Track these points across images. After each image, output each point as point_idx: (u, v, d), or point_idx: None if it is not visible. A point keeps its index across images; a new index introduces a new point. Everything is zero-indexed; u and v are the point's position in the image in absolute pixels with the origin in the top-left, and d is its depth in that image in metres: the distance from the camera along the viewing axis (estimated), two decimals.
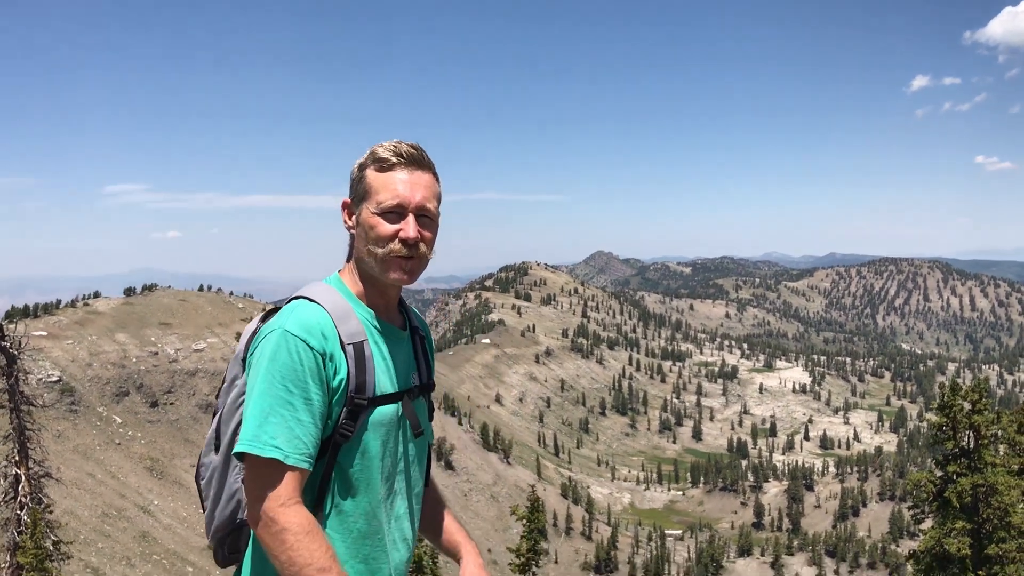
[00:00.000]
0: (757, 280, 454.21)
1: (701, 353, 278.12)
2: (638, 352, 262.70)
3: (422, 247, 2.36)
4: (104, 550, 49.12)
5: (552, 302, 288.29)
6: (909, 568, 18.75)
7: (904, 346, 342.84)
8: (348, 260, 2.51)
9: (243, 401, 2.27)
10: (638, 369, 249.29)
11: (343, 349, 2.25)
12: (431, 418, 2.70)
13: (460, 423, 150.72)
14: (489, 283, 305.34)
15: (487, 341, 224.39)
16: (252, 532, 2.28)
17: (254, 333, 2.40)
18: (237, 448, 2.11)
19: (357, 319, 2.34)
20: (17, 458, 17.01)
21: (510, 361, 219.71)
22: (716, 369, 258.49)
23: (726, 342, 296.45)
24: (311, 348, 2.16)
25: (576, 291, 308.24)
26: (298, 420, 2.11)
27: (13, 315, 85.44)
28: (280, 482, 2.08)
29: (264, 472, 2.09)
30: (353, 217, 2.42)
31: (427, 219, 2.39)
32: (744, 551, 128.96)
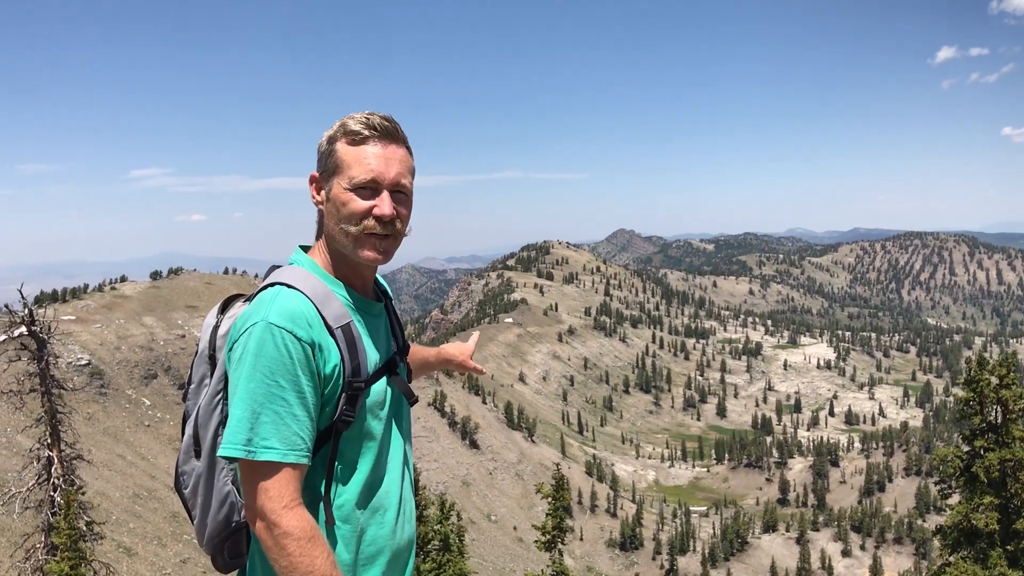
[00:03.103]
0: (781, 256, 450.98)
1: (725, 330, 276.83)
2: (661, 330, 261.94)
3: (398, 224, 2.25)
4: (136, 530, 49.83)
5: (574, 281, 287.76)
6: (936, 543, 18.69)
7: (930, 321, 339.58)
8: (318, 238, 2.37)
9: (220, 401, 2.18)
10: (661, 347, 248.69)
11: (332, 334, 2.13)
12: (410, 380, 2.62)
13: (484, 402, 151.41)
14: (511, 262, 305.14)
15: (510, 320, 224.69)
16: (253, 532, 2.13)
17: (215, 328, 2.30)
18: (225, 452, 1.98)
19: (339, 301, 2.21)
20: (49, 440, 17.27)
21: (533, 340, 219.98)
22: (740, 346, 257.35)
23: (750, 319, 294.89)
24: (298, 339, 2.02)
25: (598, 269, 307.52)
26: (293, 416, 1.99)
27: (42, 300, 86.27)
28: (280, 482, 1.97)
29: (262, 474, 1.97)
30: (322, 192, 2.28)
31: (402, 195, 2.27)
32: (769, 527, 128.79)
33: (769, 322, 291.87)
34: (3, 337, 17.67)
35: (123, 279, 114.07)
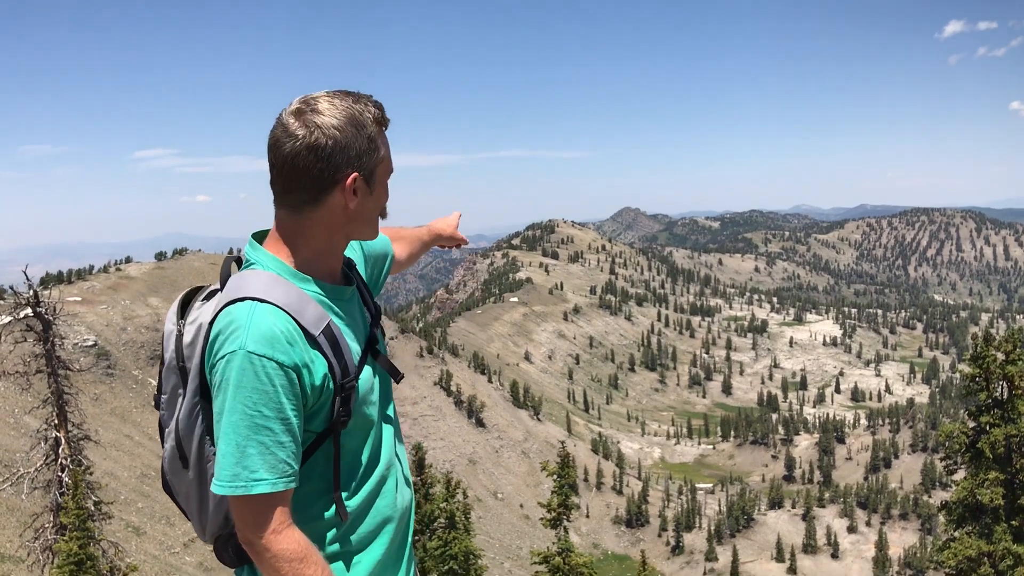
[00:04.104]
0: (787, 233, 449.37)
1: (730, 308, 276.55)
2: (667, 308, 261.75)
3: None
4: (144, 509, 50.22)
5: (580, 259, 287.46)
6: (941, 518, 18.72)
7: (936, 297, 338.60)
8: (279, 229, 2.09)
9: (199, 413, 2.07)
10: (667, 325, 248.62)
11: (314, 343, 1.98)
12: (383, 336, 2.43)
13: (490, 381, 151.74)
14: (516, 241, 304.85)
15: (515, 299, 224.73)
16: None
17: (179, 337, 2.14)
18: (218, 491, 1.91)
19: (313, 302, 2.03)
20: (57, 421, 17.35)
21: (538, 319, 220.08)
22: (746, 323, 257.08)
23: (755, 296, 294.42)
24: (280, 364, 1.88)
25: (603, 248, 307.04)
26: (279, 443, 1.90)
27: (47, 281, 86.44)
28: (269, 510, 1.92)
29: (251, 505, 1.91)
30: (358, 193, 2.03)
31: None
32: (775, 504, 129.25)
33: (775, 299, 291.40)
34: (9, 319, 17.69)
35: (128, 260, 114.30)
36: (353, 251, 2.43)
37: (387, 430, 2.30)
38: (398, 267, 2.90)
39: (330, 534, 2.12)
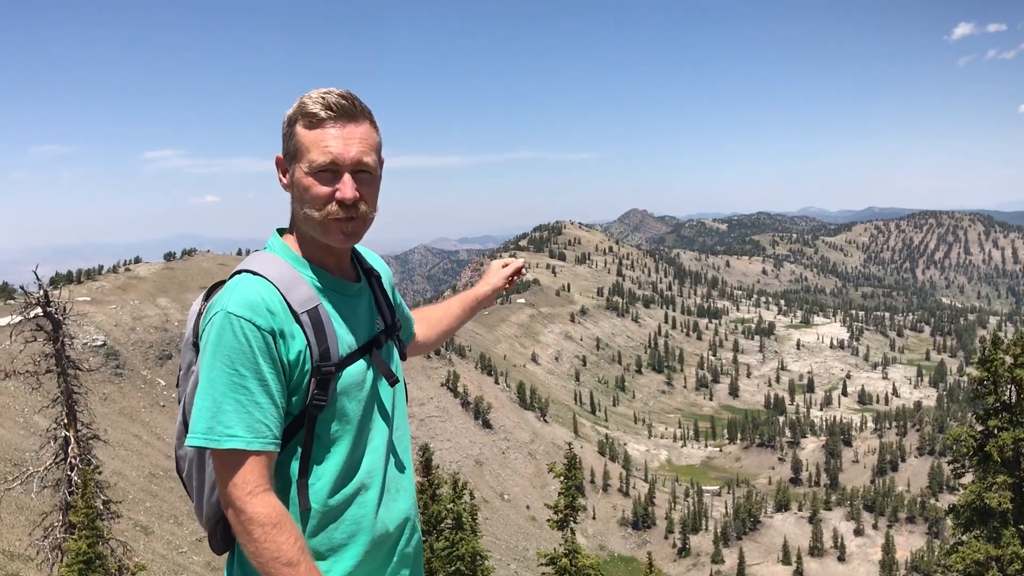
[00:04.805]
0: (794, 235, 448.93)
1: (738, 310, 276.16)
2: (674, 310, 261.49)
3: (362, 207, 2.16)
4: (152, 509, 50.33)
5: (587, 261, 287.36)
6: (949, 522, 18.69)
7: (944, 300, 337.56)
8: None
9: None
10: (674, 327, 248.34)
11: (297, 319, 2.07)
12: (403, 357, 2.54)
13: (497, 382, 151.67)
14: (523, 243, 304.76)
15: (522, 301, 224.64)
16: None
17: (199, 315, 2.24)
18: (191, 441, 1.98)
19: (307, 284, 2.15)
20: (66, 420, 17.41)
21: (545, 320, 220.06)
22: (753, 326, 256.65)
23: (763, 298, 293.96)
24: (257, 327, 1.98)
25: (611, 249, 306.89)
26: (256, 403, 1.97)
27: (57, 281, 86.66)
28: (245, 470, 1.96)
29: (228, 461, 1.96)
30: (287, 175, 2.20)
31: (366, 174, 2.16)
32: (782, 506, 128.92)
33: (782, 302, 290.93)
34: (19, 318, 17.77)
35: (137, 260, 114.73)
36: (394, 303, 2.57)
37: (378, 439, 2.28)
38: (421, 348, 2.95)
39: (305, 525, 2.13)
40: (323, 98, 2.12)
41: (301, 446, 2.12)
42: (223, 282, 2.26)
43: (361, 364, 2.22)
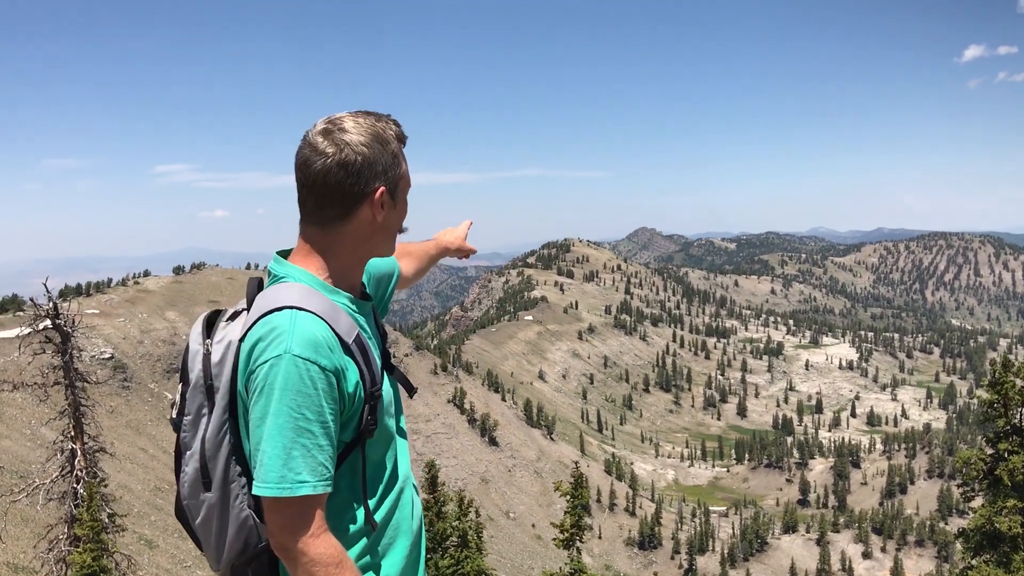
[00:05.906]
0: (803, 256, 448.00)
1: (746, 330, 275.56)
2: (682, 329, 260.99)
3: None
4: (157, 523, 50.24)
5: (595, 279, 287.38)
6: (958, 546, 18.52)
7: (954, 322, 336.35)
8: (307, 245, 2.17)
9: (228, 431, 2.09)
10: (682, 346, 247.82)
11: (348, 350, 2.05)
12: (384, 312, 2.60)
13: (504, 399, 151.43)
14: (532, 260, 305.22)
15: (530, 318, 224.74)
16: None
17: (207, 356, 2.17)
18: (262, 492, 1.93)
19: (343, 312, 2.11)
20: (73, 433, 17.43)
21: (553, 338, 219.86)
22: (761, 346, 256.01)
23: (771, 318, 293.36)
24: (323, 369, 1.95)
25: (619, 268, 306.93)
26: (319, 447, 1.95)
27: (66, 294, 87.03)
28: (309, 513, 1.95)
29: (292, 507, 1.94)
30: (383, 208, 2.14)
31: None
32: (789, 528, 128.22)
33: (791, 322, 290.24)
34: (28, 330, 17.82)
35: (146, 274, 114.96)
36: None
37: (402, 444, 2.33)
38: (404, 283, 2.96)
39: (358, 546, 2.14)
40: (396, 123, 2.15)
41: (357, 473, 2.13)
42: (219, 312, 2.25)
43: (388, 381, 2.25)
